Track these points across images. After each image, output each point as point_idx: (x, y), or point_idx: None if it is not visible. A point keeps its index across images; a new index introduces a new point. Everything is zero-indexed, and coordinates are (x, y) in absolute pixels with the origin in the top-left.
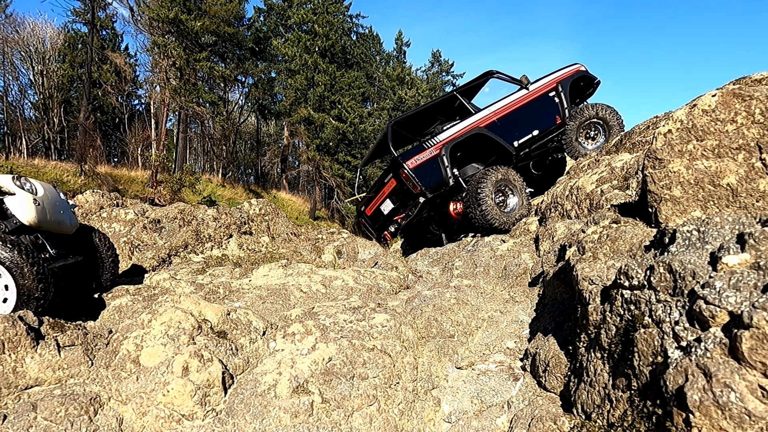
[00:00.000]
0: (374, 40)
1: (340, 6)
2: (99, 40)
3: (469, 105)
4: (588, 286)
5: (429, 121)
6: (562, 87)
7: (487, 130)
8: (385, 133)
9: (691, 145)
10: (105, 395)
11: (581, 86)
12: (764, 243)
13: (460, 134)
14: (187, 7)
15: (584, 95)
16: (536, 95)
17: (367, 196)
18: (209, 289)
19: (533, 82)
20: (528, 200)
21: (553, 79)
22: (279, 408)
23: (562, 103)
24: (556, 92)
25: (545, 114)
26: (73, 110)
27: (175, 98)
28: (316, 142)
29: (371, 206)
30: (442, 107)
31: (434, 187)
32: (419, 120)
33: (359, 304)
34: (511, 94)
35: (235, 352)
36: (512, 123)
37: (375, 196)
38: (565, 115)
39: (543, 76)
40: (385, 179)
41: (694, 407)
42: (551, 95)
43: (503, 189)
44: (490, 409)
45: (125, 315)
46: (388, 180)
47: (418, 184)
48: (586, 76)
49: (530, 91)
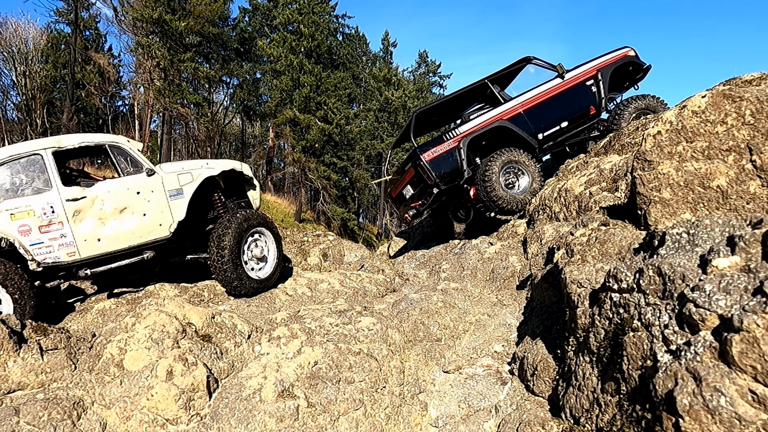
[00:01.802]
0: (360, 41)
1: (326, 6)
2: (82, 41)
3: (500, 93)
4: (576, 289)
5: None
6: (602, 75)
7: (510, 123)
8: (409, 121)
9: (681, 147)
10: (88, 399)
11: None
12: (755, 246)
13: (481, 127)
14: (172, 7)
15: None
16: (571, 84)
17: (393, 178)
18: (194, 291)
19: (571, 70)
20: (541, 181)
21: (592, 67)
22: (264, 412)
23: (599, 92)
24: (595, 81)
25: (578, 104)
26: (57, 111)
27: (160, 99)
28: (302, 144)
29: (396, 188)
30: (474, 94)
31: (449, 179)
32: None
33: (345, 308)
34: (543, 84)
35: (219, 356)
36: (540, 114)
37: (399, 179)
38: (601, 105)
39: (583, 63)
40: (406, 166)
41: (683, 411)
42: (588, 84)
43: (513, 170)
44: (478, 414)
45: (109, 318)
46: (409, 168)
47: (432, 175)
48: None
49: (565, 80)
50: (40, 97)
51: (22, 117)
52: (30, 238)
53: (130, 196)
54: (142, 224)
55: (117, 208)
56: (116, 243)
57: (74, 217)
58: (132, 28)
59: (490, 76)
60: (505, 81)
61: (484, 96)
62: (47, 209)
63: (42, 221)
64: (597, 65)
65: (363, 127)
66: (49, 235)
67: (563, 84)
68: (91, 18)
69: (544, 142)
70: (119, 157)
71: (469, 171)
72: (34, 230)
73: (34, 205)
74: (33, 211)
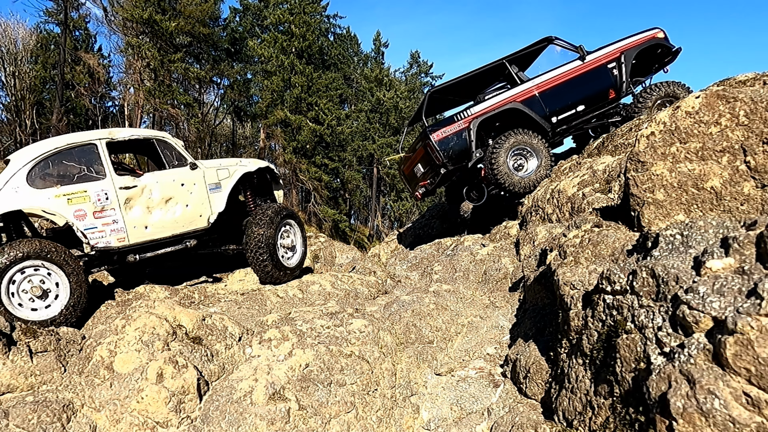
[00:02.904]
0: (352, 41)
1: (318, 6)
2: (72, 41)
3: (518, 74)
4: (569, 291)
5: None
6: (625, 58)
7: (523, 105)
8: (423, 100)
9: (675, 148)
10: (78, 402)
11: (658, 53)
12: (749, 247)
13: (493, 109)
14: (162, 7)
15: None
16: (591, 67)
17: (406, 156)
18: (184, 294)
19: (593, 51)
20: (551, 163)
21: (616, 49)
22: (255, 415)
23: (620, 75)
24: (617, 63)
25: (597, 87)
26: (46, 112)
27: (150, 100)
28: (293, 145)
29: (408, 166)
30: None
31: (457, 160)
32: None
33: (337, 310)
34: (562, 65)
35: (210, 359)
36: (555, 97)
37: (411, 156)
38: (622, 89)
39: (608, 44)
40: (417, 145)
41: (677, 414)
42: (610, 66)
43: (522, 152)
44: (470, 417)
45: (99, 320)
46: (419, 147)
47: (440, 156)
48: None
49: (585, 62)
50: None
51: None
52: (84, 223)
53: (175, 188)
54: (185, 214)
55: (163, 198)
56: (161, 231)
57: (125, 205)
58: (122, 28)
59: (509, 55)
60: (525, 61)
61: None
62: (102, 196)
63: (96, 207)
64: (621, 47)
65: (354, 128)
66: (102, 221)
67: (583, 66)
68: (81, 18)
69: (557, 126)
70: (165, 151)
71: (480, 152)
72: (89, 215)
73: (89, 191)
74: (89, 197)
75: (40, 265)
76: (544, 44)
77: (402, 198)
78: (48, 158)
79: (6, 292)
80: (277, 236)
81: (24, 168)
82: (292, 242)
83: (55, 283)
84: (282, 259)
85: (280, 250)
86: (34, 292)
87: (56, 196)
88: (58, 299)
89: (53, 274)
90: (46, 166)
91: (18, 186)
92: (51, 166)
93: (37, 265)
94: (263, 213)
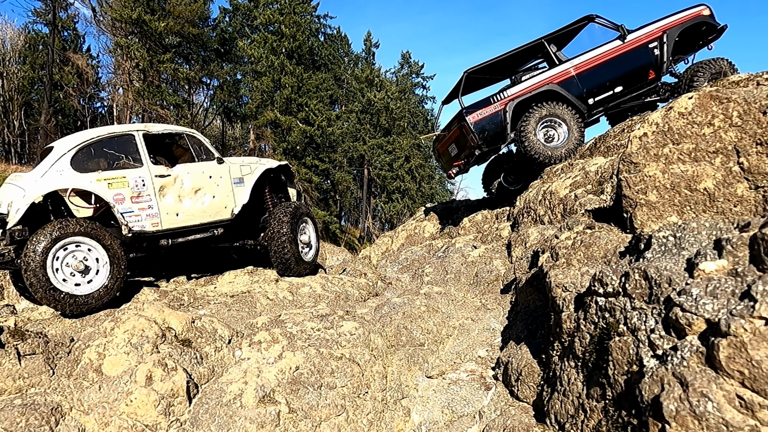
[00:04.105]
0: (342, 41)
1: (308, 6)
2: (60, 41)
3: (556, 54)
4: (561, 293)
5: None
6: (668, 37)
7: (560, 87)
8: (459, 80)
9: (667, 149)
10: (67, 405)
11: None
12: (742, 249)
13: (529, 90)
14: (151, 7)
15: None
16: (632, 47)
17: (441, 134)
18: (173, 296)
19: (634, 30)
20: (581, 134)
21: (658, 28)
22: (245, 418)
23: (662, 55)
24: (659, 43)
25: (636, 68)
26: (34, 113)
27: (139, 100)
28: (283, 146)
29: (443, 144)
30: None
31: (492, 142)
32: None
33: (327, 312)
34: (601, 45)
35: (200, 361)
36: (593, 78)
37: (445, 137)
38: (662, 69)
39: (650, 22)
40: (452, 126)
41: (670, 417)
42: (651, 46)
43: (552, 124)
44: (462, 420)
45: (87, 323)
46: (454, 127)
47: (475, 138)
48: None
49: (626, 42)
50: (18, 99)
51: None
52: (123, 207)
53: (204, 179)
54: (212, 205)
55: (193, 188)
56: (191, 219)
57: (160, 192)
58: (111, 28)
59: (548, 35)
60: (563, 40)
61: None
62: (139, 182)
63: (134, 192)
64: (664, 26)
65: (345, 129)
66: (139, 205)
67: (623, 46)
68: (70, 18)
69: (594, 107)
70: (195, 145)
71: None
72: (127, 200)
73: (128, 177)
74: (127, 183)
75: (82, 241)
76: (584, 23)
77: (393, 200)
78: (91, 145)
79: (51, 268)
80: (298, 232)
81: (68, 153)
82: (309, 239)
83: (95, 259)
84: (301, 253)
85: (300, 245)
86: (77, 267)
87: (98, 180)
88: (99, 274)
89: (93, 250)
90: (89, 152)
91: (63, 169)
92: (93, 153)
93: (78, 242)
94: (285, 210)
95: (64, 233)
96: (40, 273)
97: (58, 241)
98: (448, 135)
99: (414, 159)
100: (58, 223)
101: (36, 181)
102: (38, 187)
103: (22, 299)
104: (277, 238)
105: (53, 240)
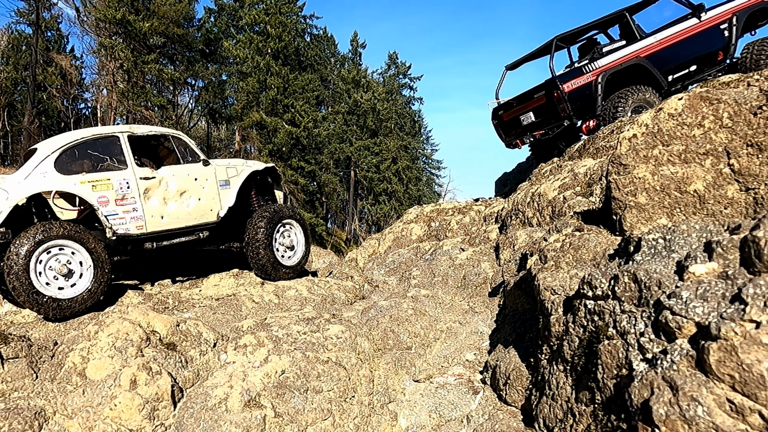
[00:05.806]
0: (329, 42)
1: (294, 6)
2: (44, 42)
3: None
4: (550, 296)
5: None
6: (737, 19)
7: (647, 62)
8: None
9: (657, 151)
10: (50, 409)
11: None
12: (732, 252)
13: (620, 62)
14: (135, 7)
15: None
16: (707, 26)
17: (508, 102)
18: (158, 299)
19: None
20: None
21: (728, 9)
22: (230, 422)
23: (731, 37)
24: (729, 24)
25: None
26: (17, 114)
27: (123, 102)
28: (269, 148)
29: (510, 113)
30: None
31: (581, 113)
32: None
33: (313, 315)
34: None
35: (184, 365)
36: (674, 55)
37: (518, 105)
38: (729, 50)
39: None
40: (535, 94)
41: (659, 421)
42: (722, 27)
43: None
44: (449, 424)
45: (71, 326)
46: (539, 96)
47: (568, 108)
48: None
49: (701, 21)
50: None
51: None
52: (107, 209)
53: (189, 181)
54: (197, 207)
55: (178, 191)
56: (176, 221)
57: (144, 195)
58: (95, 28)
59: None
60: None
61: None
62: (123, 184)
63: (118, 195)
64: (733, 8)
65: (331, 130)
66: (123, 208)
67: (699, 25)
68: (53, 18)
69: (672, 84)
70: (180, 147)
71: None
72: (111, 202)
73: (112, 180)
74: (112, 185)
75: (65, 244)
76: None
77: (380, 202)
78: (75, 147)
79: (34, 271)
80: (274, 234)
81: (52, 155)
82: (292, 242)
83: (79, 262)
84: (281, 258)
85: (280, 249)
86: (60, 270)
87: (82, 182)
88: (83, 278)
89: (77, 253)
90: (73, 154)
91: (46, 171)
92: (77, 155)
93: (62, 245)
94: (262, 214)
95: (48, 236)
96: (22, 276)
97: (41, 244)
98: (525, 104)
99: (401, 160)
100: (41, 225)
101: (19, 183)
102: (21, 190)
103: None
104: (252, 243)
105: (36, 243)
